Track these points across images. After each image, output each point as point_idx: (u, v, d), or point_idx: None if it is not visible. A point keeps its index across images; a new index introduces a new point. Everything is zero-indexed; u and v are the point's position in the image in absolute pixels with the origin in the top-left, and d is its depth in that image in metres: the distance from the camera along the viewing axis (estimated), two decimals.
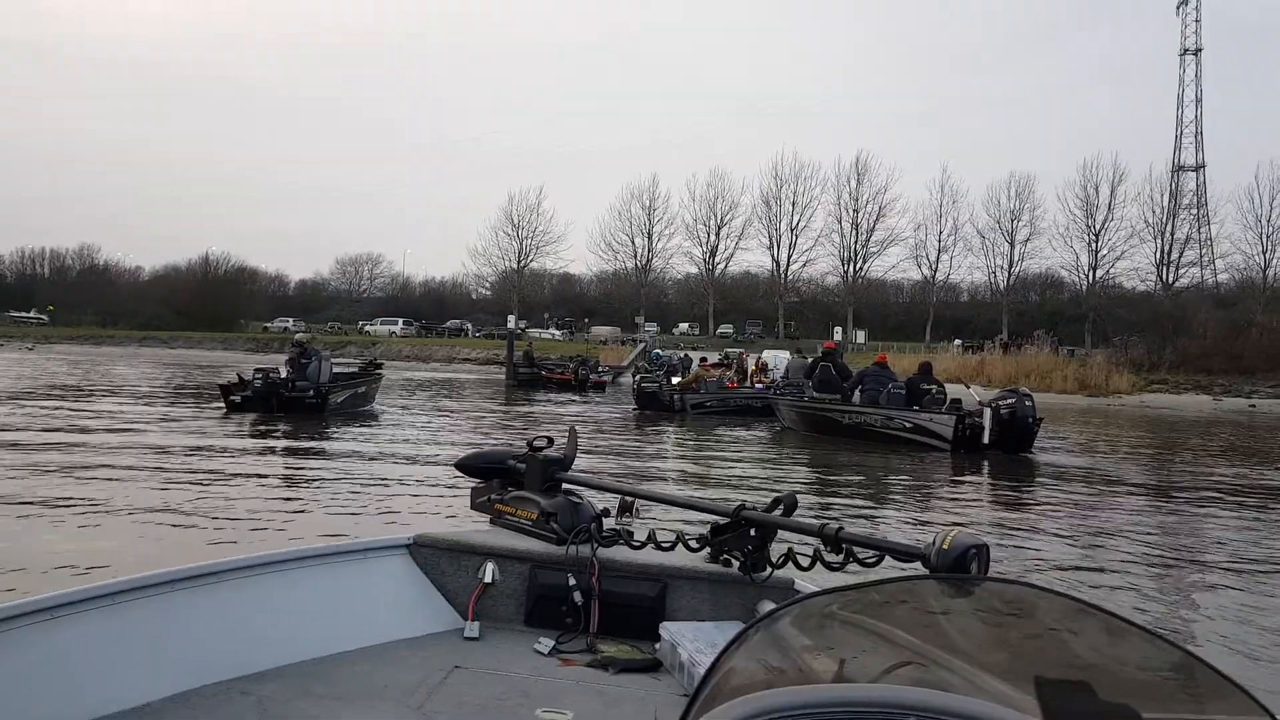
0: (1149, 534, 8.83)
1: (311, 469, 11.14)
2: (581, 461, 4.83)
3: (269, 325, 77.23)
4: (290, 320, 77.72)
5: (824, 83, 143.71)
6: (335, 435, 15.12)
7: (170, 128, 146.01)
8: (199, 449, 12.43)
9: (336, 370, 20.89)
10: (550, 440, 3.20)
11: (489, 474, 3.26)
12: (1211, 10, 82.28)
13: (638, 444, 16.32)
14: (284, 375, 18.33)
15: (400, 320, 75.08)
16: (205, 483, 9.54)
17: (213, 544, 6.81)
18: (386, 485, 9.84)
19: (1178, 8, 75.41)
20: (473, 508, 3.30)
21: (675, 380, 24.88)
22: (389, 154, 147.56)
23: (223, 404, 18.47)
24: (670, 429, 19.64)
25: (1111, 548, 8.11)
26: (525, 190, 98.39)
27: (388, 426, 17.26)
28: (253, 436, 14.64)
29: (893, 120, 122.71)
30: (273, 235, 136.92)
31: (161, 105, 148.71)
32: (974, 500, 11.33)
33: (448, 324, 75.25)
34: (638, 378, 26.41)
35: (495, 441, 14.82)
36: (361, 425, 17.11)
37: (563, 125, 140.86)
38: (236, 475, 10.15)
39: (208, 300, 77.00)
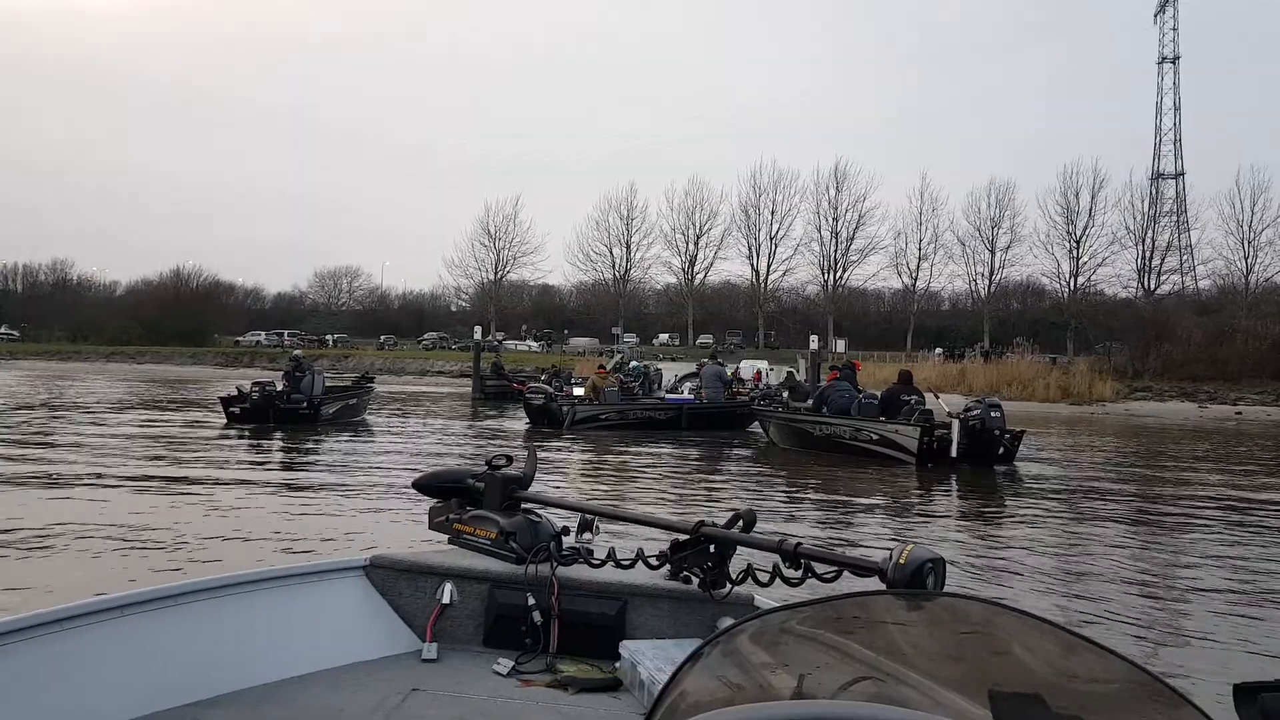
0: (1114, 550, 8.68)
1: (284, 487, 11.29)
2: None
3: (240, 339, 76.05)
4: (262, 334, 76.74)
5: (803, 90, 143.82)
6: (318, 450, 15.53)
7: (154, 141, 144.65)
8: (184, 462, 13.11)
9: (329, 384, 22.44)
10: (509, 458, 3.10)
11: (447, 493, 3.17)
12: (1188, 19, 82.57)
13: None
14: (280, 388, 19.66)
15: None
16: (179, 500, 9.82)
17: (170, 565, 6.83)
18: (348, 505, 9.87)
19: (1155, 16, 75.67)
20: (431, 527, 3.19)
21: (577, 391, 23.26)
22: (370, 164, 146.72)
23: (223, 415, 19.65)
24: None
25: (1076, 565, 7.95)
26: (502, 200, 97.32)
27: (366, 441, 17.55)
28: (242, 450, 15.27)
29: (871, 127, 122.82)
30: (254, 248, 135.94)
31: (149, 118, 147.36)
32: (927, 520, 10.66)
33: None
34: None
35: (453, 459, 14.59)
36: (346, 439, 17.61)
37: (540, 135, 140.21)
38: (210, 492, 10.40)
39: (178, 314, 75.64)
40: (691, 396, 24.05)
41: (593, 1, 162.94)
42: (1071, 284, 68.85)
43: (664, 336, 76.97)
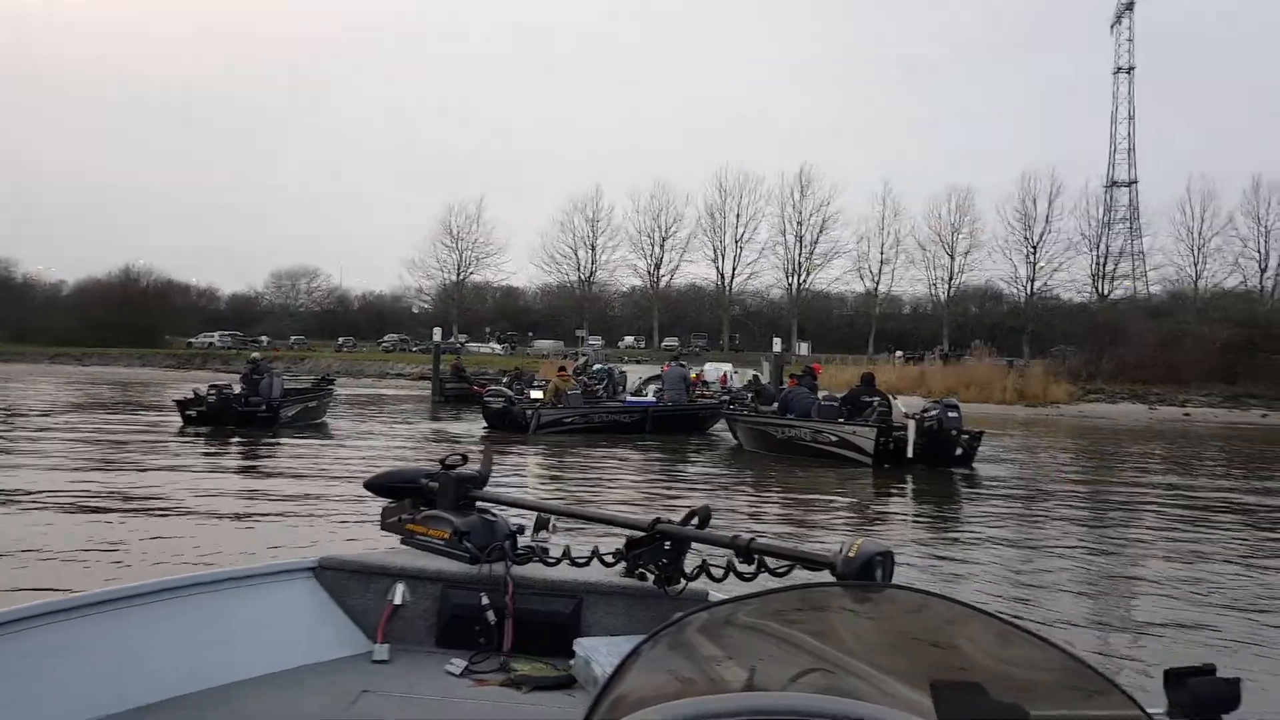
0: (1064, 545, 8.91)
1: (237, 489, 11.19)
2: None
3: (192, 341, 74.72)
4: (215, 335, 75.45)
5: (767, 95, 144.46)
6: (274, 452, 15.45)
7: (106, 135, 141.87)
8: (135, 465, 12.85)
9: (288, 386, 22.37)
10: (464, 458, 3.07)
11: (400, 493, 3.13)
12: (1144, 30, 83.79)
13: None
14: (238, 391, 19.51)
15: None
16: (127, 503, 9.59)
17: (117, 568, 6.71)
18: (302, 507, 9.74)
19: (1111, 27, 77.04)
20: (383, 528, 3.16)
21: (535, 394, 22.74)
22: (330, 161, 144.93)
23: (179, 418, 19.25)
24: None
25: (1027, 560, 8.16)
26: (464, 201, 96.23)
27: (324, 444, 17.34)
28: (196, 452, 15.12)
29: (835, 131, 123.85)
30: (209, 248, 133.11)
31: (107, 118, 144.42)
32: (879, 519, 10.84)
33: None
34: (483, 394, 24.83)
35: (411, 461, 14.02)
36: (304, 441, 17.37)
37: (505, 133, 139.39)
38: (160, 495, 10.18)
39: (128, 314, 74.04)
40: (655, 399, 24.01)
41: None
42: (1028, 288, 70.18)
43: (629, 339, 76.92)
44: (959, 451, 15.12)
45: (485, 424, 21.64)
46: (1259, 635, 5.85)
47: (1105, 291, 68.13)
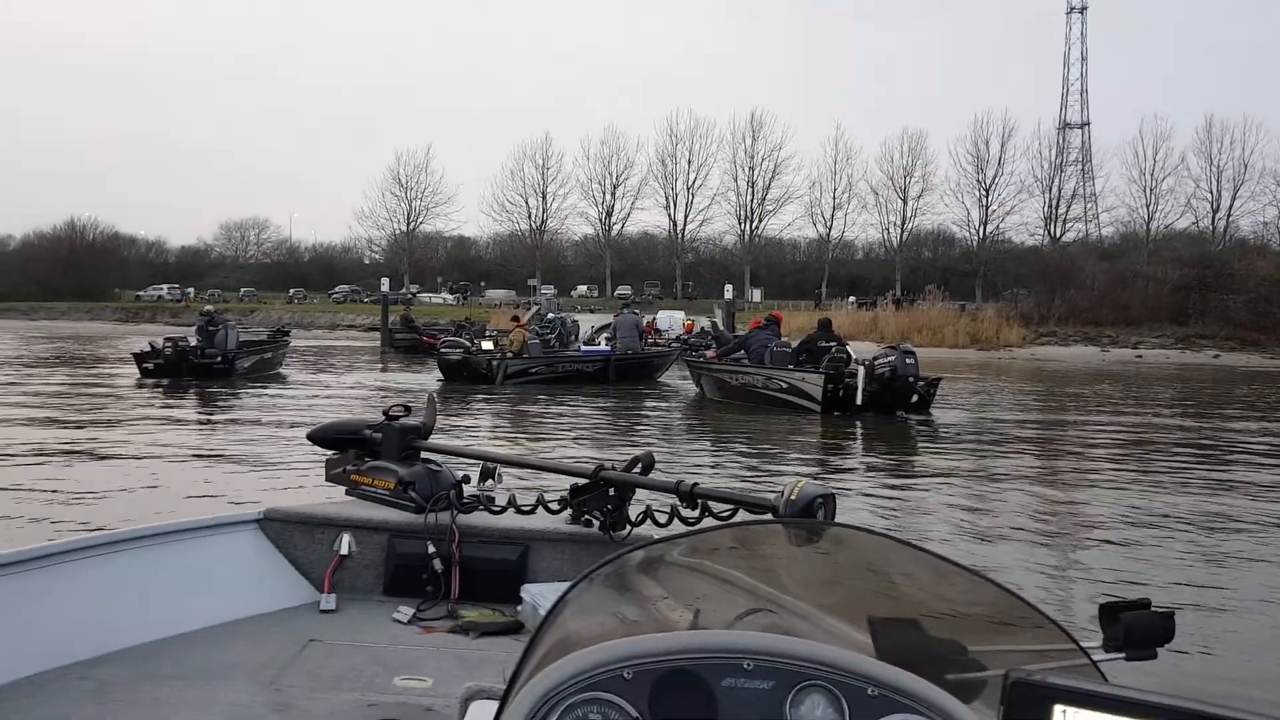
0: (1017, 488, 8.87)
1: (187, 441, 11.06)
2: None
3: (141, 294, 73.04)
4: (165, 288, 73.82)
5: (719, 39, 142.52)
6: (227, 404, 15.42)
7: (53, 96, 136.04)
8: (90, 418, 12.79)
9: (244, 338, 22.89)
10: (407, 408, 3.11)
11: (343, 444, 3.14)
12: None
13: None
14: (193, 343, 19.59)
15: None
16: (78, 455, 9.53)
17: (65, 520, 6.59)
18: (251, 459, 9.66)
19: None
20: (328, 479, 3.17)
21: (486, 346, 22.14)
22: (277, 113, 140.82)
23: (136, 371, 19.51)
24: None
25: (979, 504, 8.07)
26: (413, 149, 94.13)
27: (277, 395, 17.43)
28: (151, 404, 15.10)
29: (787, 78, 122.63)
30: (156, 201, 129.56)
31: (41, 72, 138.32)
32: (823, 465, 10.65)
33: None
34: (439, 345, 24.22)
35: (365, 413, 13.56)
36: (258, 392, 17.55)
37: (454, 83, 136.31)
38: (111, 447, 10.12)
39: (74, 268, 72.33)
40: (608, 348, 23.60)
41: None
42: (981, 232, 70.47)
43: (582, 288, 76.30)
44: (915, 398, 14.81)
45: (441, 376, 20.86)
46: (1200, 571, 5.88)
47: (1058, 234, 68.67)
